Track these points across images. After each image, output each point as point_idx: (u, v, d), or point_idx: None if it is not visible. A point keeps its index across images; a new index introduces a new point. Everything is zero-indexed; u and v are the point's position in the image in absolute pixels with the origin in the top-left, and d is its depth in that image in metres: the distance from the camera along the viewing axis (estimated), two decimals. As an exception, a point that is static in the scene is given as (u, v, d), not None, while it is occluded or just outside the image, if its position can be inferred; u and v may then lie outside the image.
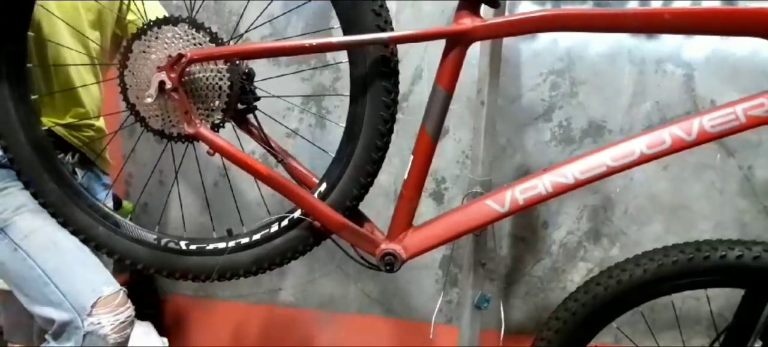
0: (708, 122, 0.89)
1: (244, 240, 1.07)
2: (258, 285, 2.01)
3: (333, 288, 1.98)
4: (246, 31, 1.26)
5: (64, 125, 1.31)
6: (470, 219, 0.99)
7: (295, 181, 1.10)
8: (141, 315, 1.90)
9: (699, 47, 1.57)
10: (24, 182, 1.09)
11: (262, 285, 2.01)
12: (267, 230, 1.07)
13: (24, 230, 1.18)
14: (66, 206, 1.10)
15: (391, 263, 1.00)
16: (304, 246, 1.06)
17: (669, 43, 1.59)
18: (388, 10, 0.95)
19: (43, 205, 1.10)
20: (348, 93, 0.99)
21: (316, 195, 1.03)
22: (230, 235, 1.10)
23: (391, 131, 0.99)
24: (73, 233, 1.12)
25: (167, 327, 2.07)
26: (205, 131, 0.98)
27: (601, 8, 1.58)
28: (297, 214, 1.05)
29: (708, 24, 0.88)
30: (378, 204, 1.84)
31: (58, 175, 1.10)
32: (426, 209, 1.81)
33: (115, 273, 1.34)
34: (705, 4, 1.56)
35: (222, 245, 1.08)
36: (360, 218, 1.07)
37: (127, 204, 1.75)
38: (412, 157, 0.98)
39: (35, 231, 1.18)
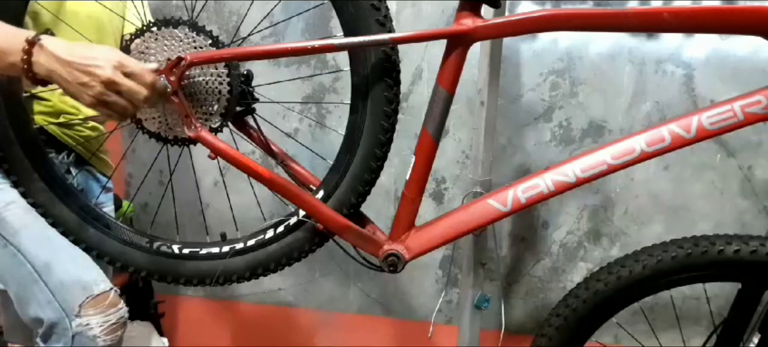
0: (706, 119, 0.89)
1: (239, 246, 1.06)
2: (258, 284, 1.99)
3: (333, 288, 1.98)
4: (248, 35, 1.25)
5: (58, 124, 1.29)
6: (473, 219, 0.98)
7: (295, 183, 1.09)
8: (141, 315, 1.91)
9: (699, 47, 1.58)
10: (13, 181, 1.06)
11: (262, 285, 2.01)
12: (262, 237, 1.06)
13: (15, 226, 1.17)
14: (55, 207, 1.07)
15: (394, 264, 1.00)
16: (300, 253, 1.06)
17: (669, 43, 1.59)
18: (389, 11, 0.95)
19: (33, 205, 1.07)
20: (347, 95, 0.99)
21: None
22: (224, 240, 1.08)
23: (390, 140, 0.99)
24: (63, 234, 1.09)
25: (167, 327, 2.06)
26: (206, 134, 0.97)
27: (601, 8, 1.58)
28: (293, 221, 1.04)
29: (708, 23, 0.88)
30: (378, 204, 1.84)
31: (49, 174, 1.08)
32: (426, 209, 1.81)
33: (116, 274, 1.33)
34: (705, 3, 1.56)
35: (215, 249, 1.07)
36: (362, 220, 1.06)
37: (126, 204, 1.75)
38: (413, 158, 0.98)
39: (27, 227, 1.16)
